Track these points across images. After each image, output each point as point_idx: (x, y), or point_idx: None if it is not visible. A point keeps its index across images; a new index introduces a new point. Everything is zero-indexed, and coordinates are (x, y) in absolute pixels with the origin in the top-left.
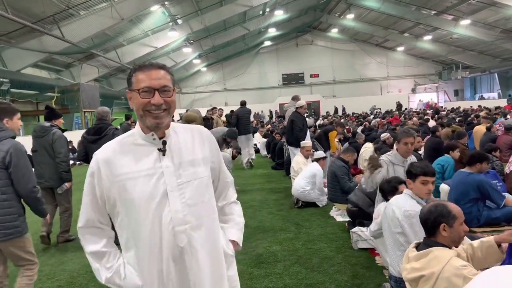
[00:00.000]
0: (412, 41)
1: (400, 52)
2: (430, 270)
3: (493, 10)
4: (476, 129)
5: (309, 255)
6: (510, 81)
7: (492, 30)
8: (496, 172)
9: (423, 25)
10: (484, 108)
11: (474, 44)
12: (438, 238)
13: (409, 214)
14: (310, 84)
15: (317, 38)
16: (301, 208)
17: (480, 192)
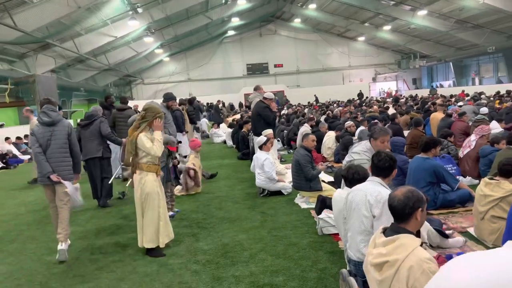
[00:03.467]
0: (372, 31)
1: (361, 42)
2: (395, 257)
3: (447, 1)
4: (433, 116)
5: (275, 243)
6: (464, 69)
7: (447, 20)
8: (451, 157)
9: (382, 15)
10: (440, 95)
11: (430, 34)
12: (409, 225)
13: (382, 198)
14: (274, 74)
15: (280, 28)
16: (266, 196)
17: (436, 176)
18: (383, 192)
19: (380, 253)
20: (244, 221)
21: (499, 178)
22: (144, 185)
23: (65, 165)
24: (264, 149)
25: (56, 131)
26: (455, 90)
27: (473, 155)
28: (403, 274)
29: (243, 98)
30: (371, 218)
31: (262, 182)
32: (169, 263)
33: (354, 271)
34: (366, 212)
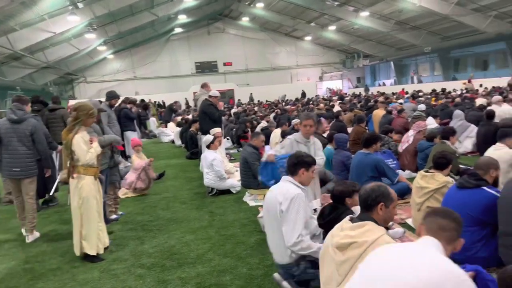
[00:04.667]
0: (318, 31)
1: (308, 41)
2: (364, 239)
3: (388, 3)
4: (375, 113)
5: (223, 242)
6: (404, 68)
7: (387, 21)
8: (391, 152)
9: (327, 15)
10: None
11: (372, 34)
12: (373, 215)
13: (290, 195)
14: (223, 73)
15: (228, 26)
16: (215, 196)
17: (377, 170)
18: (291, 190)
19: (347, 234)
20: (191, 221)
21: (434, 171)
22: (81, 189)
23: (29, 161)
24: (212, 148)
25: (20, 129)
26: (396, 88)
27: (411, 150)
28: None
29: (192, 96)
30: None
31: (210, 181)
32: (112, 268)
33: (283, 275)
34: (278, 212)
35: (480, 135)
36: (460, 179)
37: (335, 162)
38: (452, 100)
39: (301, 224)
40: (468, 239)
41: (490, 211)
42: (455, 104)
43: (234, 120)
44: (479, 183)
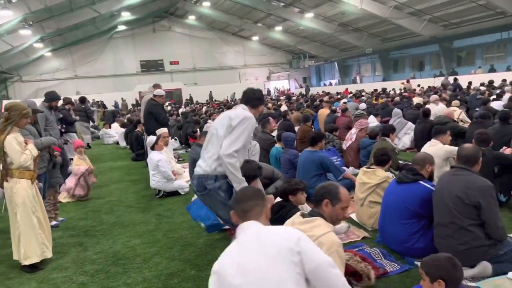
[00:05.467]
0: (265, 31)
1: (255, 41)
2: (312, 233)
3: (331, 5)
4: (320, 112)
5: (171, 245)
6: (347, 69)
7: (331, 23)
8: (335, 149)
9: (274, 16)
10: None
11: (317, 35)
12: (321, 211)
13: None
14: (170, 72)
15: (175, 25)
16: (163, 198)
17: (323, 167)
18: (245, 112)
19: (298, 229)
20: (137, 225)
21: (375, 167)
22: (16, 193)
23: None
24: (157, 149)
25: None
26: (340, 88)
27: (355, 147)
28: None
29: (137, 95)
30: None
31: (157, 183)
32: (52, 277)
33: (195, 185)
34: (226, 126)
35: (417, 132)
36: (399, 174)
37: (283, 160)
38: (391, 99)
39: (241, 144)
40: (406, 231)
41: (426, 204)
42: (394, 103)
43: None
44: (416, 177)
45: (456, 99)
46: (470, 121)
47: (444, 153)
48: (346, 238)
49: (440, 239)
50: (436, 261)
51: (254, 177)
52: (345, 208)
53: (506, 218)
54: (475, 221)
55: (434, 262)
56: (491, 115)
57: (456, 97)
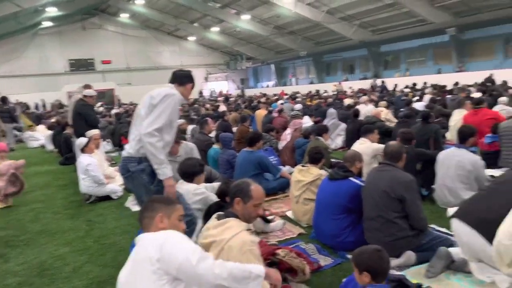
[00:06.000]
0: (201, 31)
1: (192, 41)
2: (222, 237)
3: (266, 8)
4: (258, 113)
5: (103, 251)
6: (283, 71)
7: (267, 25)
8: (272, 149)
9: (210, 16)
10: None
11: (254, 37)
12: (234, 210)
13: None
14: (102, 71)
15: (106, 23)
16: (94, 203)
17: (261, 167)
18: (167, 89)
19: (210, 234)
20: (66, 232)
21: (309, 165)
22: None
23: None
24: (87, 151)
25: None
26: (277, 90)
27: (290, 147)
28: (226, 253)
29: (65, 96)
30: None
31: (87, 187)
32: None
33: (120, 169)
34: (148, 105)
35: (348, 131)
36: (331, 172)
37: (221, 161)
38: (324, 101)
39: (163, 121)
40: (338, 226)
41: (356, 199)
42: (327, 104)
43: (115, 121)
44: (347, 174)
45: (383, 100)
46: (395, 121)
47: (372, 151)
48: (282, 235)
49: (369, 232)
50: (364, 253)
51: (195, 173)
52: (257, 205)
53: (427, 210)
54: (400, 214)
55: (362, 254)
56: (414, 114)
57: (383, 98)
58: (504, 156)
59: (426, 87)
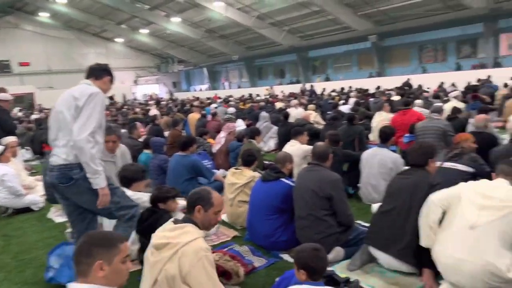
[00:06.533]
0: (130, 33)
1: (120, 43)
2: (178, 240)
3: (197, 11)
4: (191, 116)
5: (22, 267)
6: (216, 75)
7: (198, 29)
8: (206, 153)
9: (139, 18)
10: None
11: (185, 40)
12: (193, 217)
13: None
14: (19, 74)
15: (23, 22)
16: (11, 216)
17: (195, 171)
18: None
19: (165, 235)
20: None
21: (242, 168)
22: None
23: None
24: (3, 160)
25: None
26: (210, 93)
27: (224, 150)
28: (180, 256)
29: None
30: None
31: (3, 199)
32: None
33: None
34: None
35: (279, 134)
36: (263, 173)
37: (152, 166)
38: (257, 104)
39: (94, 123)
40: (271, 226)
41: (287, 199)
42: (259, 108)
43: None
44: (278, 175)
45: (312, 103)
46: (323, 123)
47: (302, 152)
48: (216, 239)
49: (300, 231)
50: (303, 251)
51: (135, 180)
52: (217, 212)
53: (354, 207)
54: (328, 211)
55: (301, 252)
56: (340, 117)
57: (312, 102)
58: None
59: (351, 91)
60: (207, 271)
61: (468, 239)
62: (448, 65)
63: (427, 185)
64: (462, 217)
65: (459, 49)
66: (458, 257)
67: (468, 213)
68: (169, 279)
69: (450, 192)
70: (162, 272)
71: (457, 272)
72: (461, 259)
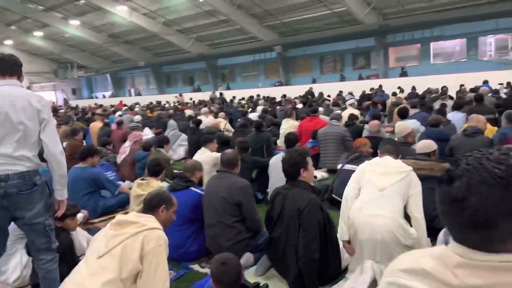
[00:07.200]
0: (21, 35)
1: (9, 46)
2: (145, 223)
3: (99, 15)
4: (93, 125)
5: None
6: (121, 81)
7: (100, 33)
8: (110, 164)
9: (32, 19)
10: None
11: (86, 44)
12: (156, 216)
13: None
14: None
15: None
16: None
17: (96, 184)
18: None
19: (133, 215)
20: None
21: (149, 178)
22: None
23: None
24: None
25: None
26: (115, 101)
27: (130, 160)
28: (144, 235)
29: None
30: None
31: None
32: None
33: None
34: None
35: (190, 142)
36: (172, 182)
37: None
38: (166, 112)
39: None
40: (181, 236)
41: (197, 208)
42: (168, 115)
43: None
44: (187, 184)
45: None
46: (233, 130)
47: (212, 160)
48: None
49: (210, 239)
50: (212, 264)
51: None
52: (174, 211)
53: (262, 212)
54: (238, 218)
55: (213, 263)
56: (249, 124)
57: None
58: (321, 159)
59: (259, 99)
60: (164, 257)
61: (380, 199)
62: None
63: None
64: (371, 184)
65: (355, 60)
66: (373, 213)
67: (376, 180)
68: (126, 252)
69: (354, 177)
70: (121, 244)
71: (372, 227)
72: (375, 214)
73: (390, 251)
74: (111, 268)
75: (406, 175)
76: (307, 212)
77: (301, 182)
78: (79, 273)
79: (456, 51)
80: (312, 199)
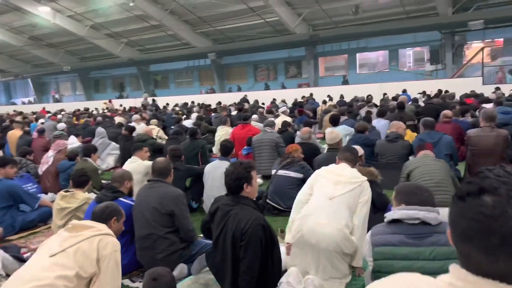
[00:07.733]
0: None
1: None
2: (100, 228)
3: (18, 15)
4: (11, 134)
5: None
6: (44, 86)
7: (20, 35)
8: (30, 175)
9: None
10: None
11: (3, 47)
12: (109, 226)
13: None
14: None
15: None
16: None
17: (13, 197)
18: None
19: (83, 224)
20: None
21: (74, 189)
22: None
23: None
24: None
25: None
26: (37, 107)
27: (53, 171)
28: (99, 239)
29: None
30: None
31: None
32: None
33: None
34: None
35: (122, 150)
36: (99, 194)
37: None
38: (94, 119)
39: None
40: None
41: (127, 220)
42: (96, 123)
43: None
44: (116, 195)
45: (155, 118)
46: (166, 138)
47: (144, 168)
48: None
49: (141, 252)
50: (146, 277)
51: None
52: (123, 221)
53: (197, 221)
54: (171, 228)
55: (145, 278)
56: (183, 131)
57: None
58: (257, 165)
59: (194, 106)
60: (119, 262)
61: (329, 208)
62: (279, 83)
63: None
64: (322, 191)
65: (287, 69)
66: (321, 221)
67: (327, 188)
68: (83, 252)
69: (309, 182)
70: (77, 245)
71: (318, 235)
72: (323, 223)
73: (331, 258)
74: (66, 265)
75: (358, 186)
76: (250, 232)
77: (243, 198)
78: (29, 269)
79: (380, 61)
80: (255, 218)
